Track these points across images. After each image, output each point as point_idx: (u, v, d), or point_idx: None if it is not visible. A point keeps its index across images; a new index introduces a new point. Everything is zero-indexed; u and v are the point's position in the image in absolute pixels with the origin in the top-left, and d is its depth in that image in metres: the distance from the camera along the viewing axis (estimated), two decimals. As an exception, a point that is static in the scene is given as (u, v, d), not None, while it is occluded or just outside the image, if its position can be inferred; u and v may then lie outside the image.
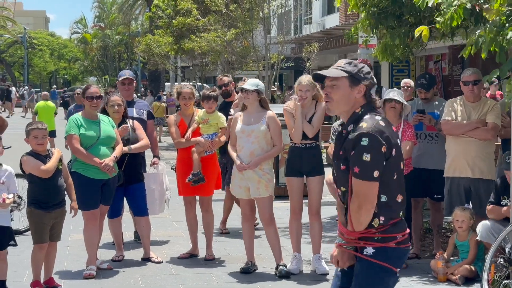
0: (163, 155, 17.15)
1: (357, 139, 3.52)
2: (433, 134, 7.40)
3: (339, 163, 3.66)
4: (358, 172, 3.52)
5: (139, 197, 7.28)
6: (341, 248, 3.72)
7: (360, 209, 3.55)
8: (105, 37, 52.87)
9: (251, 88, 6.72)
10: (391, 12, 7.35)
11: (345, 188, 3.66)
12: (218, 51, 18.82)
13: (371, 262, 3.60)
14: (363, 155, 3.49)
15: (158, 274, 6.90)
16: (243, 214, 6.97)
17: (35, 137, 6.15)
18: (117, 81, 8.32)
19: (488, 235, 6.35)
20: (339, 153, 3.65)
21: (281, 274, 6.68)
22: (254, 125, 6.73)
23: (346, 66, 3.64)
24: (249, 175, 6.70)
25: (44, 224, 6.13)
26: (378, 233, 3.60)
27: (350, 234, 3.65)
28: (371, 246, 3.60)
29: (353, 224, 3.60)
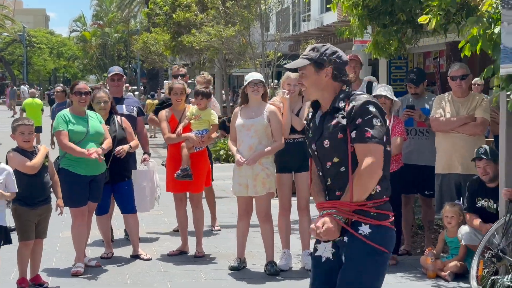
0: (159, 153, 17.14)
1: (363, 106, 3.54)
2: (423, 130, 7.36)
3: (333, 133, 3.59)
4: (371, 135, 3.50)
5: (126, 194, 7.24)
6: (331, 217, 3.55)
7: (373, 173, 3.51)
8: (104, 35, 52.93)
9: (261, 79, 6.70)
10: (383, 11, 7.31)
11: (339, 159, 3.59)
12: (216, 48, 18.78)
13: (367, 244, 3.52)
14: (373, 120, 3.53)
15: (146, 271, 6.86)
16: (239, 212, 6.90)
17: (21, 133, 6.11)
18: (107, 78, 8.29)
19: (471, 238, 6.33)
20: (329, 124, 3.61)
21: (271, 271, 6.64)
22: (255, 119, 6.67)
23: (310, 53, 3.70)
24: (247, 171, 6.64)
25: (29, 221, 6.09)
26: (374, 208, 3.55)
27: (345, 205, 3.54)
28: (367, 223, 3.52)
29: (355, 192, 3.51)
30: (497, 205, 6.24)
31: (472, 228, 6.38)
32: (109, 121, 7.10)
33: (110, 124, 7.08)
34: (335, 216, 3.56)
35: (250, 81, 6.69)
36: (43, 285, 6.30)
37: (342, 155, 3.59)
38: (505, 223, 5.75)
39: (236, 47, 18.96)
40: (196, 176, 7.25)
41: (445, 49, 17.04)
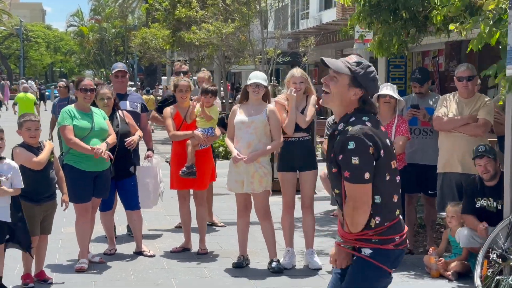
0: (158, 149, 17.12)
1: (343, 143, 3.46)
2: (427, 130, 7.37)
3: (331, 166, 3.61)
4: (348, 176, 3.46)
5: (130, 191, 7.25)
6: (339, 247, 3.68)
7: (355, 211, 3.50)
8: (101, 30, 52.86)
9: (264, 83, 6.71)
10: (386, 7, 7.32)
11: (338, 191, 3.62)
12: (215, 45, 18.77)
13: (368, 261, 3.57)
14: (352, 158, 3.43)
15: (150, 268, 6.87)
16: (238, 210, 6.92)
17: (28, 129, 6.12)
18: (110, 74, 8.29)
19: (470, 241, 6.35)
20: (330, 156, 3.61)
21: (274, 269, 6.66)
22: (255, 116, 6.69)
23: (354, 64, 3.54)
24: (244, 168, 6.65)
25: (34, 217, 6.10)
26: (375, 235, 3.55)
27: (347, 236, 3.61)
28: (368, 247, 3.57)
29: (349, 227, 3.56)
30: (496, 203, 6.26)
31: (471, 231, 6.38)
32: (112, 117, 7.10)
33: (113, 120, 7.09)
34: (342, 245, 3.67)
35: (252, 82, 6.70)
36: (47, 281, 6.31)
37: (339, 188, 3.61)
38: (510, 223, 5.77)
39: (235, 44, 18.96)
40: (201, 173, 7.26)
41: (444, 48, 17.09)
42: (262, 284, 6.35)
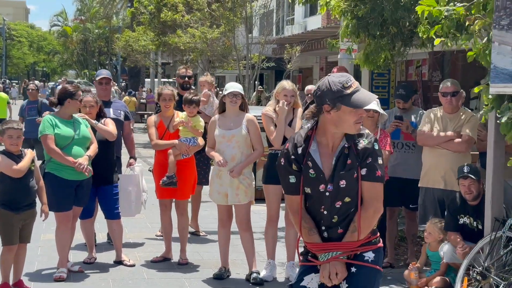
0: (140, 153, 17.05)
1: (372, 145, 3.60)
2: (410, 144, 7.40)
3: (351, 173, 3.58)
4: (380, 176, 3.60)
5: (110, 199, 7.20)
6: (338, 260, 3.62)
7: (377, 213, 3.63)
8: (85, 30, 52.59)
9: (241, 92, 6.72)
10: (374, 22, 7.34)
11: (351, 199, 3.62)
12: (200, 49, 18.75)
13: (375, 269, 3.66)
14: (378, 159, 3.60)
15: (130, 277, 6.82)
16: (220, 220, 6.90)
17: (9, 136, 6.06)
18: (94, 80, 8.23)
19: (453, 256, 6.36)
20: (345, 164, 3.59)
21: (255, 281, 6.64)
22: (234, 130, 6.67)
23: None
24: (228, 180, 6.64)
25: (13, 226, 6.03)
26: (372, 236, 3.68)
27: (351, 246, 3.63)
28: (370, 250, 3.66)
29: (362, 232, 3.60)
30: (477, 222, 6.29)
31: (453, 247, 6.41)
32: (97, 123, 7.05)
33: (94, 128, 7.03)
34: (341, 257, 3.63)
35: (229, 92, 6.69)
36: (25, 291, 6.25)
37: (354, 195, 3.62)
38: (490, 241, 5.79)
39: (220, 49, 18.96)
40: (182, 183, 7.23)
41: (427, 58, 17.19)
42: (242, 297, 6.33)
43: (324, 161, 3.64)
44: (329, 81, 3.54)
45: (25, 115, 11.72)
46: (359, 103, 3.51)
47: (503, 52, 5.44)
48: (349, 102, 3.50)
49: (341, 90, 3.51)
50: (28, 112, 11.67)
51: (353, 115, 3.54)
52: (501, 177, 5.95)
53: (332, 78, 3.56)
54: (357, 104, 3.51)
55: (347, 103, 3.51)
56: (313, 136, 3.68)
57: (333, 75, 3.60)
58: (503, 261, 5.72)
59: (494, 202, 5.91)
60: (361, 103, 3.52)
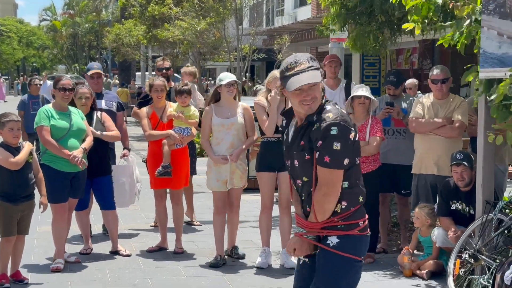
0: (133, 146, 17.07)
1: (326, 129, 3.51)
2: (400, 130, 7.47)
3: (302, 154, 3.63)
4: (329, 161, 3.52)
5: (105, 190, 7.24)
6: (301, 238, 3.69)
7: (328, 197, 3.57)
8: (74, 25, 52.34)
9: (236, 80, 6.92)
10: (362, 11, 7.40)
11: (308, 178, 3.66)
12: (190, 42, 18.75)
13: (335, 254, 3.62)
14: (333, 144, 3.50)
15: (126, 267, 6.88)
16: (216, 206, 7.00)
17: (10, 129, 6.10)
18: (85, 73, 8.25)
19: (445, 240, 6.45)
20: (300, 144, 3.64)
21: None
22: (233, 118, 6.86)
23: (313, 63, 3.60)
24: (227, 167, 6.81)
25: (11, 217, 6.08)
26: (340, 221, 3.62)
27: (312, 226, 3.64)
28: (335, 235, 3.62)
29: (317, 214, 3.60)
30: (469, 208, 6.38)
31: (446, 232, 6.49)
32: (89, 117, 7.08)
33: (90, 120, 7.07)
34: (305, 236, 3.69)
35: (227, 82, 6.79)
36: (23, 281, 6.29)
37: (309, 175, 3.64)
38: (481, 224, 5.88)
39: (210, 41, 18.96)
40: (177, 173, 7.29)
41: (417, 46, 17.26)
42: (238, 284, 6.39)
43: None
44: (284, 60, 3.67)
45: (29, 110, 11.76)
46: (290, 85, 3.56)
47: (491, 37, 5.52)
48: (286, 83, 3.59)
49: (283, 71, 3.63)
50: (32, 107, 11.71)
51: (295, 96, 3.59)
52: (491, 160, 6.03)
53: (287, 57, 3.67)
54: (289, 86, 3.56)
55: (285, 84, 3.60)
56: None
57: (290, 55, 3.68)
58: (494, 243, 5.80)
59: (485, 185, 5.98)
60: (292, 85, 3.54)
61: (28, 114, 11.47)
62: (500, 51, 5.46)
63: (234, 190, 6.97)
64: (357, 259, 3.66)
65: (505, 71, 5.35)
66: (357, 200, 3.67)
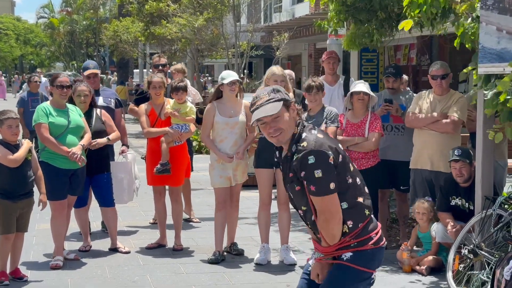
0: (132, 143, 17.05)
1: (303, 159, 3.51)
2: (399, 126, 7.47)
3: (292, 185, 3.66)
4: (315, 190, 3.53)
5: (104, 187, 7.23)
6: (320, 262, 3.73)
7: (329, 223, 3.58)
8: (72, 22, 52.22)
9: (238, 79, 6.89)
10: (362, 7, 7.39)
11: (306, 207, 3.68)
12: (188, 38, 18.73)
13: (346, 266, 3.64)
14: (314, 172, 3.49)
15: (125, 264, 6.88)
16: (218, 203, 6.99)
17: (9, 126, 6.09)
18: (82, 73, 8.24)
19: (445, 235, 6.45)
20: (289, 176, 3.65)
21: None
22: (237, 117, 6.86)
23: (274, 95, 3.61)
24: (232, 164, 6.84)
25: (10, 215, 6.08)
26: (352, 239, 3.63)
27: (327, 250, 3.67)
28: (350, 252, 3.64)
29: (326, 240, 3.63)
30: (469, 204, 6.38)
31: (445, 227, 6.49)
32: (88, 114, 7.08)
33: (89, 117, 7.06)
34: (324, 260, 3.73)
35: (229, 81, 6.79)
36: (22, 279, 6.29)
37: (306, 204, 3.66)
38: (481, 220, 5.88)
39: (208, 38, 18.94)
40: (176, 170, 7.29)
41: (415, 42, 17.26)
42: (237, 280, 6.39)
43: None
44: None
45: (28, 107, 11.77)
46: (252, 119, 3.66)
47: (490, 32, 5.52)
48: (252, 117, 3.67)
49: (251, 104, 3.68)
50: (32, 104, 11.72)
51: (262, 130, 3.67)
52: (491, 156, 6.03)
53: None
54: (252, 121, 3.67)
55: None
56: None
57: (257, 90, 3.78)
58: (494, 239, 5.81)
59: (484, 180, 5.99)
60: (253, 119, 3.65)
61: (28, 111, 11.48)
62: (499, 46, 5.46)
63: (235, 186, 6.99)
64: (369, 271, 3.70)
65: (504, 66, 5.35)
66: (363, 215, 3.66)
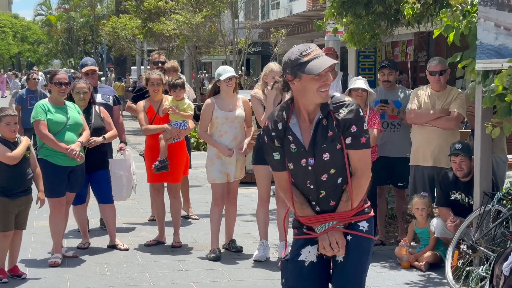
0: (130, 140, 17.05)
1: (357, 111, 3.55)
2: (395, 123, 7.47)
3: (334, 144, 3.54)
4: (365, 142, 3.57)
5: (103, 184, 7.22)
6: (336, 230, 3.62)
7: (367, 179, 3.62)
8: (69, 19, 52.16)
9: (235, 75, 6.94)
10: (359, 1, 7.39)
11: (335, 169, 3.60)
12: (186, 35, 18.72)
13: (367, 238, 3.68)
14: (364, 124, 3.58)
15: (124, 261, 6.87)
16: (216, 199, 6.99)
17: (7, 124, 6.08)
18: (80, 70, 8.23)
19: (444, 231, 6.46)
20: (329, 135, 3.54)
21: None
22: (236, 111, 6.90)
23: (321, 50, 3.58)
24: (232, 159, 6.88)
25: (9, 212, 6.07)
26: (364, 204, 3.70)
27: (344, 216, 3.63)
28: (364, 219, 3.68)
29: (355, 201, 3.62)
30: (468, 198, 6.38)
31: (444, 222, 6.50)
32: (87, 111, 7.07)
33: (88, 114, 7.05)
34: (338, 226, 3.65)
35: (227, 77, 6.82)
36: (21, 276, 6.28)
37: (339, 166, 3.60)
38: (479, 215, 5.88)
39: (206, 34, 18.93)
40: (174, 167, 7.29)
41: (413, 39, 17.26)
42: (236, 277, 6.39)
43: (305, 135, 3.63)
44: (290, 51, 3.57)
45: (26, 105, 11.73)
46: (315, 68, 3.47)
47: (488, 28, 5.51)
48: (306, 69, 3.48)
49: (298, 58, 3.51)
50: (30, 101, 11.68)
51: (314, 82, 3.50)
52: (489, 151, 6.03)
53: (293, 48, 3.58)
54: (312, 70, 3.46)
55: (303, 70, 3.49)
56: (292, 109, 3.68)
57: (295, 46, 3.60)
58: (492, 234, 5.82)
59: (483, 176, 5.99)
60: (317, 68, 3.47)
61: (26, 109, 11.44)
62: (497, 42, 5.46)
63: (233, 182, 7.01)
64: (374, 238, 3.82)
65: (502, 62, 5.34)
66: None
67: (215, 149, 6.89)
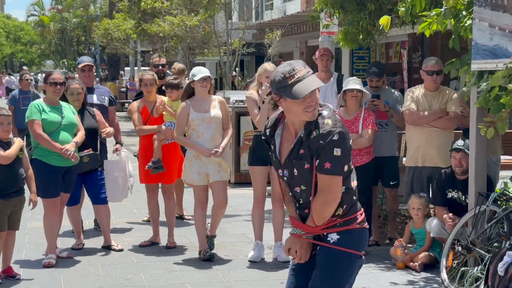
0: (124, 141, 16.97)
1: (328, 135, 3.46)
2: (383, 123, 7.49)
3: (301, 163, 3.57)
4: (330, 168, 3.47)
5: (97, 185, 7.20)
6: (300, 239, 3.66)
7: (328, 204, 3.54)
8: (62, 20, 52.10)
9: (209, 74, 6.86)
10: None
11: (306, 187, 3.61)
12: (180, 36, 18.71)
13: (337, 250, 3.60)
14: (334, 150, 3.46)
15: (119, 262, 6.85)
16: (199, 201, 6.93)
17: (0, 124, 6.06)
18: (76, 67, 8.21)
19: (440, 231, 6.46)
20: (299, 153, 3.56)
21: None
22: (211, 112, 6.80)
23: (309, 68, 3.54)
24: (211, 160, 6.74)
25: (2, 213, 6.04)
26: (339, 219, 3.61)
27: (312, 230, 3.63)
28: (335, 232, 3.60)
29: (316, 221, 3.59)
30: (465, 197, 6.39)
31: (441, 222, 6.51)
32: (81, 112, 7.05)
33: (83, 115, 7.04)
34: (304, 237, 3.66)
35: (201, 77, 6.76)
36: (15, 277, 6.25)
37: (308, 184, 3.60)
38: (474, 216, 5.89)
39: (200, 36, 18.92)
40: (168, 167, 7.28)
41: (407, 40, 17.28)
42: (231, 277, 6.38)
43: (284, 147, 3.66)
44: (276, 71, 3.53)
45: (19, 105, 11.68)
46: (297, 94, 3.43)
47: (483, 29, 5.53)
48: (290, 93, 3.45)
49: (282, 81, 3.47)
50: (23, 102, 11.63)
51: (299, 104, 3.47)
52: (484, 152, 6.04)
53: (278, 68, 3.55)
54: (296, 95, 3.43)
55: (288, 94, 3.46)
56: (282, 120, 3.70)
57: (282, 64, 3.57)
58: (487, 235, 5.82)
59: (478, 176, 6.00)
60: (300, 93, 3.43)
61: (19, 109, 11.40)
62: (492, 42, 5.48)
63: (219, 184, 6.82)
64: (358, 254, 3.65)
65: (496, 62, 5.36)
66: (352, 199, 3.67)
67: (191, 151, 6.84)
